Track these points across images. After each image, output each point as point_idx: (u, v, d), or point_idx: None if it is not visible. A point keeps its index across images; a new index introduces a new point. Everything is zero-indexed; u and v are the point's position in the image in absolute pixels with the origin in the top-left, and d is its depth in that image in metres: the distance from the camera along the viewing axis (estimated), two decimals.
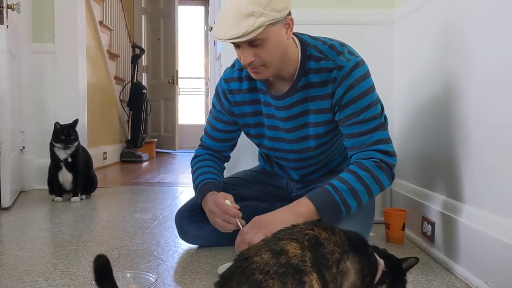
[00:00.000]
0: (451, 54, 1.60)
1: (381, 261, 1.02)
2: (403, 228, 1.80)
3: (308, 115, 1.50)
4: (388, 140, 1.45)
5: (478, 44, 1.41)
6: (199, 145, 1.77)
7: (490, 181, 1.33)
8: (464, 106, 1.49)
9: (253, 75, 1.44)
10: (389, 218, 1.83)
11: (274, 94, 1.52)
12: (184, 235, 1.76)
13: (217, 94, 1.66)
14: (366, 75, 1.44)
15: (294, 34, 1.49)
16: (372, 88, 1.44)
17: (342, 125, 1.46)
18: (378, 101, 1.46)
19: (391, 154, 1.44)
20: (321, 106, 1.47)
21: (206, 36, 7.22)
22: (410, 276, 1.27)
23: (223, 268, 1.42)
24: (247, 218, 1.53)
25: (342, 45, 1.47)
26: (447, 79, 1.63)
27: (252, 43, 1.33)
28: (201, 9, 7.74)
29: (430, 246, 1.64)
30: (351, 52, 1.46)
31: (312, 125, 1.52)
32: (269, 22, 1.29)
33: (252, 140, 1.71)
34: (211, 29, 3.18)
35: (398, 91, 2.16)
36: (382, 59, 2.17)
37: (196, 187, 1.65)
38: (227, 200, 1.50)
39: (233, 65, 1.65)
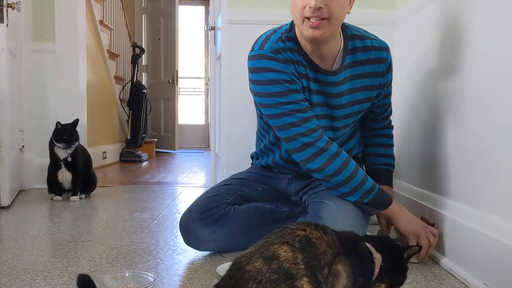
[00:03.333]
0: (452, 55, 1.60)
1: (377, 256, 1.00)
2: None
3: (355, 92, 1.55)
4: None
5: (478, 45, 1.41)
6: (318, 135, 1.45)
7: (490, 182, 1.33)
8: (465, 107, 1.49)
9: (310, 32, 1.39)
10: None
11: (327, 69, 1.51)
12: (195, 240, 1.64)
13: (276, 62, 1.45)
14: None
15: None
16: None
17: (380, 100, 1.64)
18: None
19: None
20: (369, 83, 1.54)
21: (206, 36, 7.21)
22: (409, 277, 1.26)
23: (221, 268, 1.42)
24: (257, 219, 1.64)
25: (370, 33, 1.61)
26: (447, 80, 1.63)
27: None
28: (201, 9, 7.74)
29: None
30: None
31: (357, 103, 1.57)
32: None
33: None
34: (212, 29, 3.18)
35: (399, 92, 2.16)
36: None
37: (371, 189, 1.48)
38: None
39: (267, 38, 1.50)
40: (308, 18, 1.38)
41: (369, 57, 1.52)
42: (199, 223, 1.61)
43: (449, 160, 1.60)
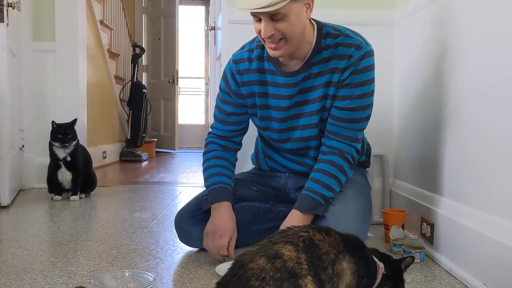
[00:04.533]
0: (452, 55, 1.60)
1: (380, 264, 1.02)
2: (402, 229, 1.80)
3: (317, 89, 1.51)
4: (361, 139, 1.56)
5: (479, 46, 1.41)
6: (209, 133, 1.73)
7: (490, 182, 1.33)
8: (465, 107, 1.49)
9: (271, 52, 1.44)
10: (388, 219, 1.83)
11: (285, 71, 1.52)
12: (187, 238, 1.69)
13: (224, 76, 1.65)
14: (374, 66, 1.49)
15: (311, 18, 1.50)
16: (373, 80, 1.50)
17: (333, 105, 1.50)
18: (372, 94, 1.51)
19: (360, 153, 1.60)
20: (331, 80, 1.48)
21: (207, 36, 7.20)
22: (409, 277, 1.27)
23: (221, 267, 1.43)
24: (250, 218, 1.68)
25: (358, 32, 1.53)
26: (447, 80, 1.63)
27: (273, 17, 1.34)
28: (201, 9, 7.74)
29: (429, 247, 1.64)
30: (367, 40, 1.51)
31: (318, 100, 1.51)
32: None
33: (257, 125, 1.68)
34: (212, 29, 3.18)
35: (398, 92, 2.16)
36: (383, 60, 2.16)
37: (207, 187, 1.63)
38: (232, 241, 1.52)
39: (242, 47, 1.65)
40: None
41: (334, 53, 1.48)
42: (190, 221, 1.66)
43: (448, 161, 1.60)
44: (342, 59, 1.46)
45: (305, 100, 1.54)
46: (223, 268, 1.44)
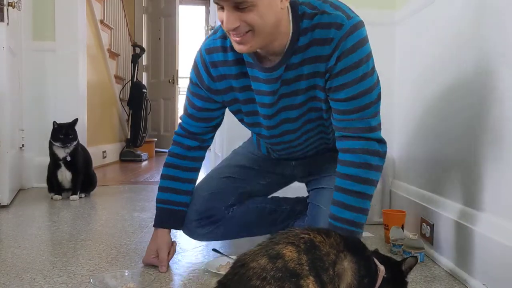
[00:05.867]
0: (452, 55, 1.60)
1: (381, 267, 1.01)
2: (402, 229, 1.80)
3: (301, 80, 1.28)
4: (380, 125, 1.28)
5: (480, 44, 1.41)
6: (179, 126, 1.55)
7: (489, 183, 1.33)
8: (467, 107, 1.49)
9: (236, 47, 1.21)
10: (388, 219, 1.83)
11: (264, 66, 1.29)
12: (191, 235, 1.63)
13: (195, 67, 1.42)
14: (366, 39, 1.22)
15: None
16: (370, 55, 1.23)
17: (331, 98, 1.27)
18: (373, 71, 1.26)
19: (383, 141, 1.29)
20: (316, 70, 1.25)
21: (207, 35, 7.20)
22: (408, 277, 1.26)
23: (211, 263, 1.46)
24: (256, 220, 1.63)
25: (340, 3, 1.26)
26: (448, 80, 1.63)
27: (239, 6, 1.12)
28: (202, 8, 7.73)
29: (429, 248, 1.64)
30: (351, 11, 1.24)
31: (303, 92, 1.31)
32: None
33: (243, 121, 1.49)
34: (212, 29, 3.18)
35: (399, 92, 2.16)
36: (383, 60, 2.16)
37: (156, 201, 1.55)
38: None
39: (215, 32, 1.39)
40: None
41: (313, 38, 1.22)
42: (196, 223, 1.57)
43: (448, 161, 1.60)
44: (323, 44, 1.21)
45: (290, 93, 1.32)
46: (213, 264, 1.46)
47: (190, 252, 1.70)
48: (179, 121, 1.57)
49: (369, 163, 1.25)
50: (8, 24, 2.52)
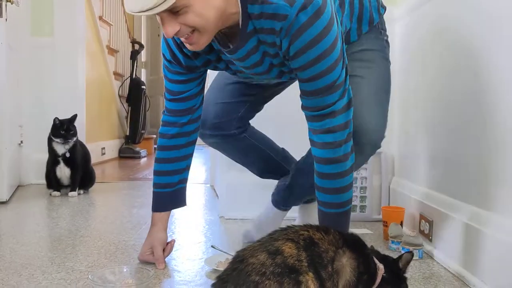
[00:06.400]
0: (452, 52, 1.60)
1: (380, 266, 1.01)
2: (401, 226, 1.80)
3: (267, 57, 1.24)
4: (345, 106, 1.22)
5: (481, 40, 1.41)
6: (164, 109, 1.51)
7: (488, 179, 1.33)
8: (468, 104, 1.49)
9: (189, 47, 1.18)
10: (387, 215, 1.83)
11: (224, 49, 1.26)
12: (202, 137, 1.67)
13: (169, 48, 1.36)
14: (317, 13, 1.10)
15: None
16: (327, 31, 1.12)
17: (298, 78, 1.23)
18: (334, 47, 1.15)
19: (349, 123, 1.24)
20: (275, 52, 1.21)
21: None
22: (407, 274, 1.26)
23: (210, 260, 1.46)
24: (261, 165, 1.78)
25: None
26: (446, 77, 1.62)
27: (173, 11, 1.07)
28: None
29: (428, 245, 1.64)
30: None
31: (277, 66, 1.27)
32: None
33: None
34: None
35: (398, 89, 2.15)
36: None
37: (154, 187, 1.53)
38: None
39: None
40: None
41: (265, 26, 1.15)
42: (209, 131, 1.65)
43: (447, 158, 1.60)
44: (270, 33, 1.16)
45: (256, 63, 1.27)
46: (212, 260, 1.46)
47: (189, 248, 1.69)
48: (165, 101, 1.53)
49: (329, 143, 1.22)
50: (6, 19, 2.51)
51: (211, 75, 1.77)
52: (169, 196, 1.52)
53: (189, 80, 1.43)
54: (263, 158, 1.76)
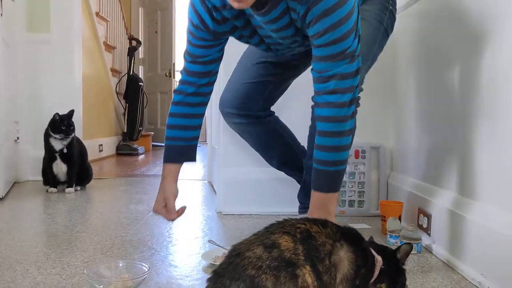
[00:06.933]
0: (450, 44, 1.59)
1: (378, 258, 1.00)
2: (399, 220, 1.79)
3: (295, 22, 1.31)
4: (353, 73, 1.27)
5: (482, 33, 1.40)
6: (182, 69, 1.57)
7: (486, 172, 1.32)
8: (465, 99, 1.48)
9: (236, 5, 1.23)
10: (385, 210, 1.83)
11: (258, 11, 1.30)
12: (224, 116, 1.79)
13: (197, 14, 1.39)
14: None
15: None
16: (339, 4, 1.19)
17: (312, 44, 1.28)
18: (351, 15, 1.21)
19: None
20: (296, 17, 1.28)
21: None
22: (405, 267, 1.25)
23: (207, 254, 1.45)
24: (280, 154, 1.80)
25: None
26: (446, 73, 1.61)
27: None
28: None
29: (426, 238, 1.63)
30: None
31: (301, 30, 1.33)
32: None
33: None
34: None
35: (396, 83, 2.14)
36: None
37: (166, 140, 1.55)
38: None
39: None
40: None
41: None
42: (236, 111, 1.72)
43: (445, 152, 1.59)
44: (294, 0, 1.24)
45: (282, 27, 1.34)
46: (209, 255, 1.46)
47: (186, 243, 1.68)
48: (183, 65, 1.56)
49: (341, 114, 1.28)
50: (2, 15, 2.50)
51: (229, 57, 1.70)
52: (182, 149, 1.54)
53: (211, 46, 1.46)
54: (283, 145, 1.79)
